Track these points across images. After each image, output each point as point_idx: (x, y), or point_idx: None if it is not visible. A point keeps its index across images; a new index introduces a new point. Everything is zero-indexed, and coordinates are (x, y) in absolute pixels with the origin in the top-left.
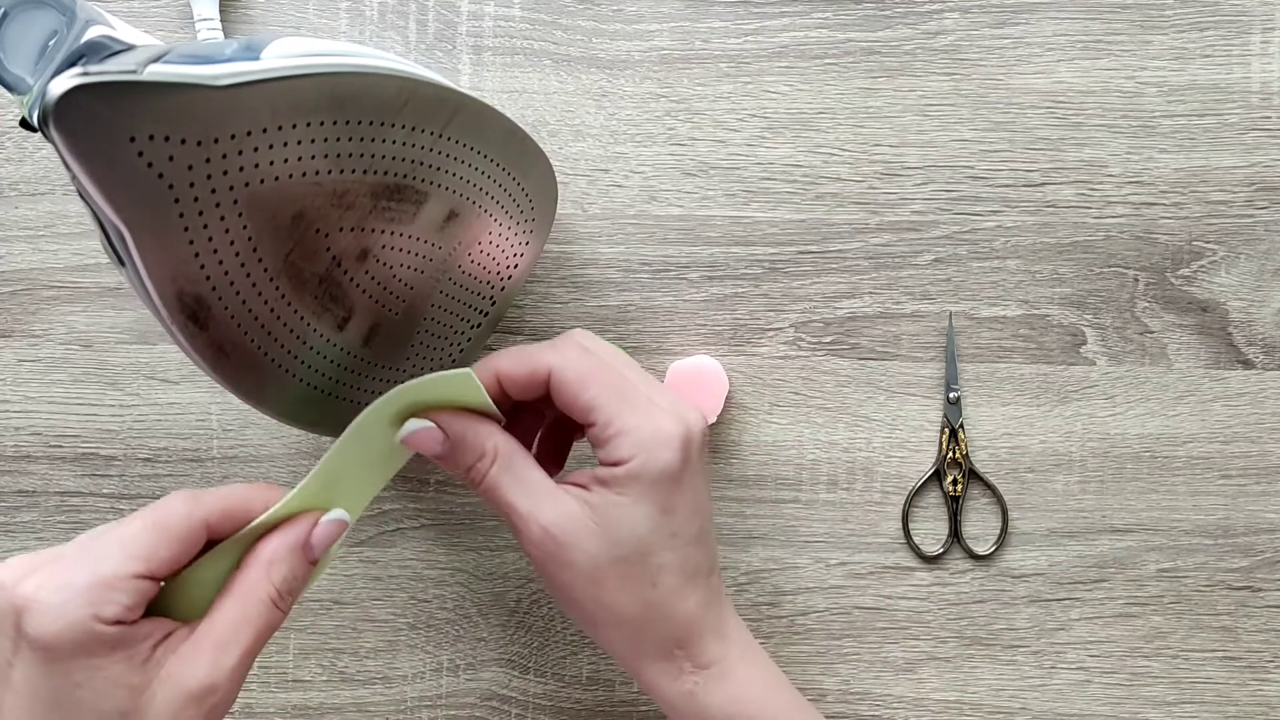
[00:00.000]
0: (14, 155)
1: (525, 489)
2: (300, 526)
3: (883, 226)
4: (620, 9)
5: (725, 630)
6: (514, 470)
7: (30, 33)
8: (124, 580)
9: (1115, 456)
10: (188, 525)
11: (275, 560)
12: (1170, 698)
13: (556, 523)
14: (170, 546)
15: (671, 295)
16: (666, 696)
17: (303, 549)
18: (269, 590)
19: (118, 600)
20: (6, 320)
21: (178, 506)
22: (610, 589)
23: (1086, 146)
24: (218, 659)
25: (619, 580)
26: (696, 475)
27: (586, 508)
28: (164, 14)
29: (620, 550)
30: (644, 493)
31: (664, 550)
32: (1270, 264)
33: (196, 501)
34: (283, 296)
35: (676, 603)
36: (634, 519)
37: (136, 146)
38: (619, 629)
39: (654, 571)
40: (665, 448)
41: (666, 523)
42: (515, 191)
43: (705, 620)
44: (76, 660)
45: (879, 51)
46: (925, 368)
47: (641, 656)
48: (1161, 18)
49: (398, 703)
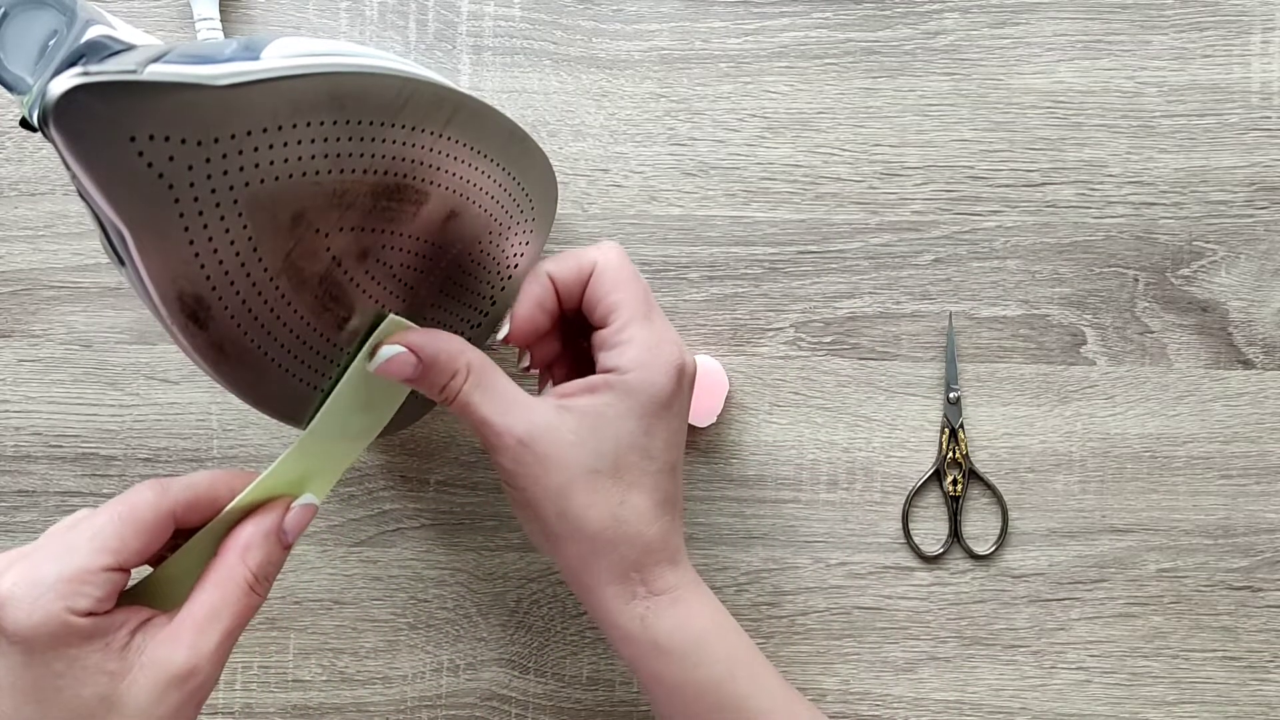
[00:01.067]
0: (14, 155)
1: (500, 401)
2: (273, 513)
3: (883, 226)
4: (620, 9)
5: (680, 561)
6: (487, 384)
7: (30, 32)
8: (94, 574)
9: (1115, 456)
10: (155, 515)
11: (251, 546)
12: (1170, 698)
13: (531, 432)
14: (139, 537)
15: (671, 295)
16: (616, 620)
17: (276, 534)
18: (245, 575)
19: (89, 593)
20: (6, 320)
21: (145, 497)
22: (579, 500)
23: (1086, 146)
24: (198, 642)
25: (589, 492)
26: (682, 409)
27: (566, 416)
28: (164, 14)
29: (597, 462)
30: (633, 408)
31: (638, 470)
32: (1270, 264)
33: (164, 492)
34: (283, 296)
35: (640, 525)
36: (617, 431)
37: (136, 146)
38: (580, 544)
39: (624, 489)
40: (665, 369)
41: (646, 444)
42: (515, 191)
43: (665, 548)
44: (54, 651)
45: (879, 51)
46: (925, 368)
47: (596, 575)
48: (1161, 18)
49: (398, 703)
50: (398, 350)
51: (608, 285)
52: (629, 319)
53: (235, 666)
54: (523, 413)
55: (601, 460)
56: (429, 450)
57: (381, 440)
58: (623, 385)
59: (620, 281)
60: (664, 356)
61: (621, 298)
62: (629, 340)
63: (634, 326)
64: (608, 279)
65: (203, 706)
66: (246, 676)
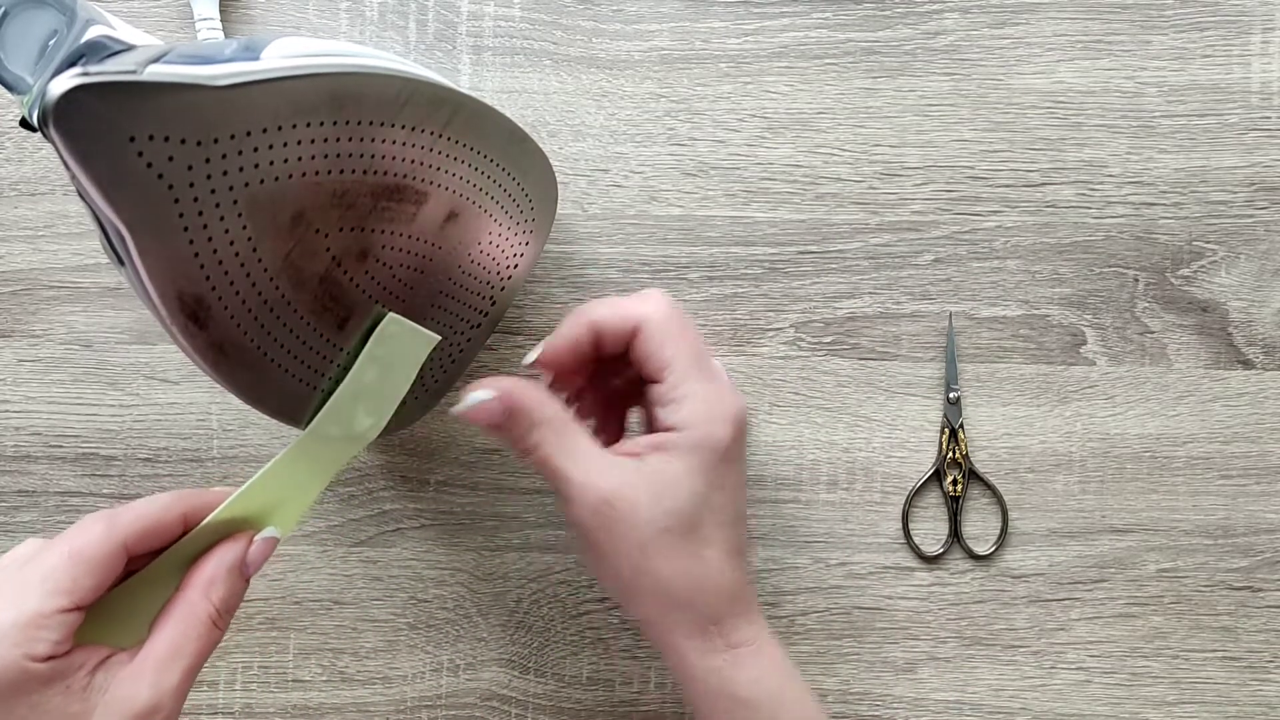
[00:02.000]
0: (14, 155)
1: (579, 457)
2: (236, 546)
3: (883, 226)
4: (620, 9)
5: (754, 613)
6: (567, 438)
7: (30, 32)
8: (49, 617)
9: (1115, 456)
10: (106, 552)
11: (215, 581)
12: (1170, 698)
13: (614, 489)
14: (91, 575)
15: (671, 295)
16: (695, 672)
17: (239, 568)
18: (209, 611)
19: (46, 638)
20: (6, 320)
21: (94, 533)
22: (657, 558)
23: (1086, 146)
24: (160, 680)
25: (667, 550)
26: (742, 457)
27: (640, 475)
28: (164, 14)
29: (671, 520)
30: (699, 464)
31: (711, 524)
32: (1270, 264)
33: (112, 527)
34: (283, 296)
35: (717, 578)
36: (688, 489)
37: (136, 146)
38: (659, 600)
39: (700, 544)
40: (725, 421)
41: (715, 497)
42: (515, 191)
43: (740, 600)
44: (17, 699)
45: (879, 51)
46: (925, 368)
47: (676, 629)
48: (1161, 18)
49: (398, 703)
50: (486, 396)
51: (658, 341)
52: (683, 374)
53: (235, 666)
54: (604, 468)
55: (676, 518)
56: (429, 450)
57: (381, 440)
58: (687, 443)
59: (670, 335)
60: (722, 409)
61: (673, 353)
62: (686, 396)
63: (690, 382)
64: (657, 335)
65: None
66: (246, 676)
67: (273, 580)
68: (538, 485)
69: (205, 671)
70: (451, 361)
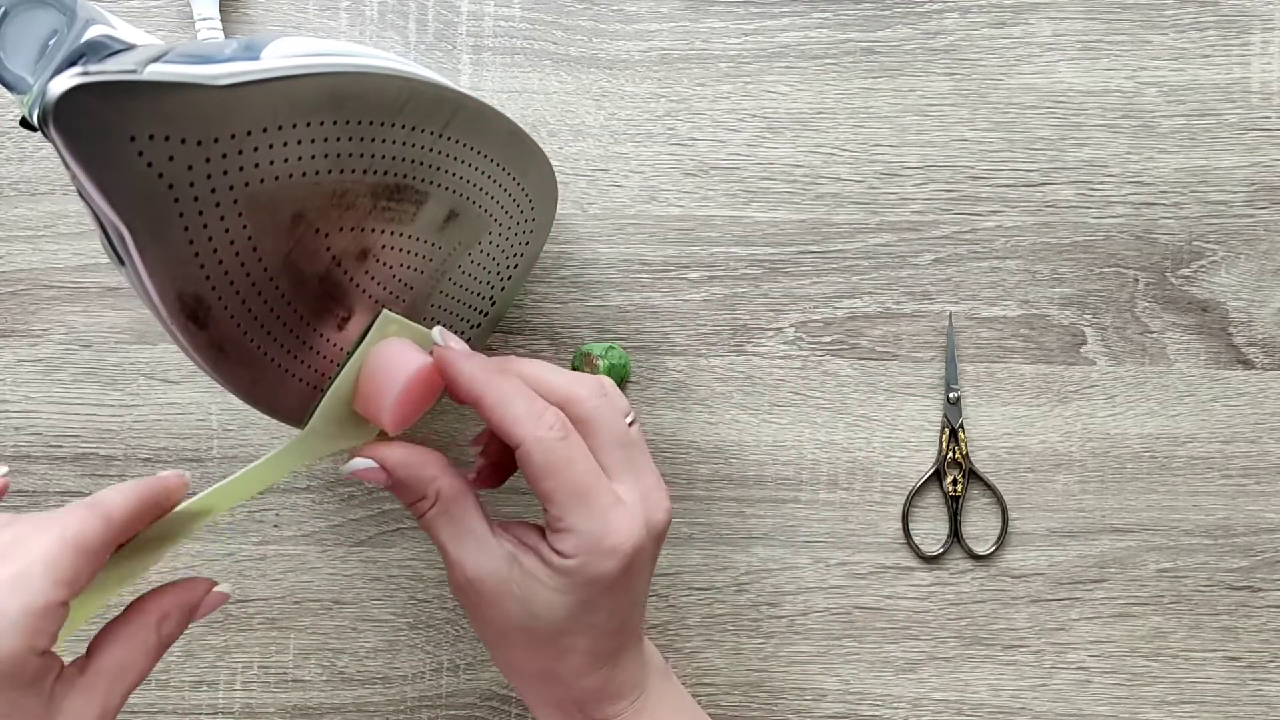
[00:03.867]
0: (14, 155)
1: (459, 535)
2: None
3: (883, 226)
4: (620, 9)
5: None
6: (453, 515)
7: (30, 32)
8: (54, 608)
9: (1115, 456)
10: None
11: (168, 617)
12: (1170, 698)
13: (479, 577)
14: (90, 569)
15: (671, 295)
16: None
17: (191, 610)
18: (155, 641)
19: (48, 630)
20: (6, 320)
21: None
22: (516, 650)
23: (1086, 146)
24: (108, 699)
25: (525, 645)
26: (637, 576)
27: (515, 569)
28: (164, 14)
29: (534, 623)
30: (573, 588)
31: (576, 635)
32: (1270, 264)
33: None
34: (283, 296)
35: (578, 679)
36: (555, 604)
37: (136, 146)
38: (520, 681)
39: (561, 650)
40: (608, 558)
41: (586, 616)
42: (515, 191)
43: (603, 691)
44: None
45: (879, 51)
46: (925, 368)
47: (540, 707)
48: (1161, 18)
49: (398, 703)
50: (368, 465)
51: (537, 474)
52: (564, 509)
53: (235, 666)
54: (477, 554)
55: (538, 623)
56: None
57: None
58: (564, 569)
59: (549, 469)
60: (606, 545)
61: (552, 487)
62: (567, 529)
63: (571, 516)
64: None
65: None
66: (246, 676)
67: (273, 580)
68: None
69: (205, 671)
70: None
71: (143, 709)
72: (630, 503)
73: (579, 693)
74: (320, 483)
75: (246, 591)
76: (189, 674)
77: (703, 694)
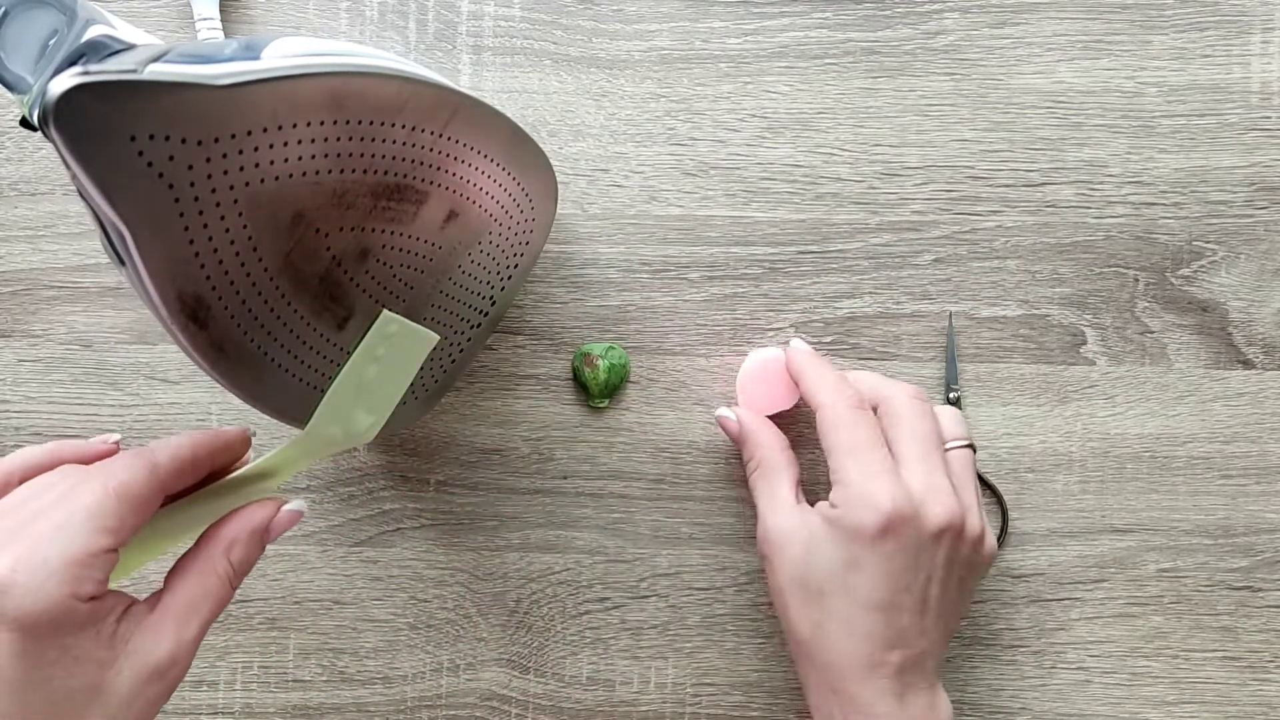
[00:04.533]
0: (14, 155)
1: (772, 496)
2: (263, 511)
3: (883, 226)
4: (620, 9)
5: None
6: (769, 479)
7: (31, 32)
8: (97, 556)
9: (1115, 456)
10: (151, 492)
11: (236, 542)
12: (1170, 698)
13: (774, 528)
14: (136, 515)
15: (671, 295)
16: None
17: (261, 534)
18: (226, 569)
19: (93, 576)
20: (6, 320)
21: (139, 475)
22: (790, 605)
23: (1086, 146)
24: (180, 633)
25: (797, 602)
26: (904, 554)
27: (800, 529)
28: (164, 14)
29: (806, 578)
30: (840, 538)
31: (838, 600)
32: (1270, 264)
33: (155, 467)
34: (283, 296)
35: (830, 649)
36: (826, 557)
37: (137, 146)
38: (791, 640)
39: (823, 613)
40: (867, 509)
41: (851, 577)
42: (515, 191)
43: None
44: (53, 639)
45: (879, 51)
46: (925, 368)
47: (805, 675)
48: (1161, 18)
49: (398, 703)
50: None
51: (823, 432)
52: (838, 464)
53: (235, 666)
54: (779, 514)
55: (810, 578)
56: (429, 450)
57: (381, 440)
58: (830, 516)
59: (832, 427)
60: (868, 498)
61: (831, 443)
62: (838, 481)
63: (843, 470)
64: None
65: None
66: (246, 676)
67: (273, 580)
68: (538, 485)
69: (205, 671)
70: (451, 361)
71: None
72: (906, 479)
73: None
74: (320, 483)
75: (246, 592)
76: (189, 674)
77: (703, 694)
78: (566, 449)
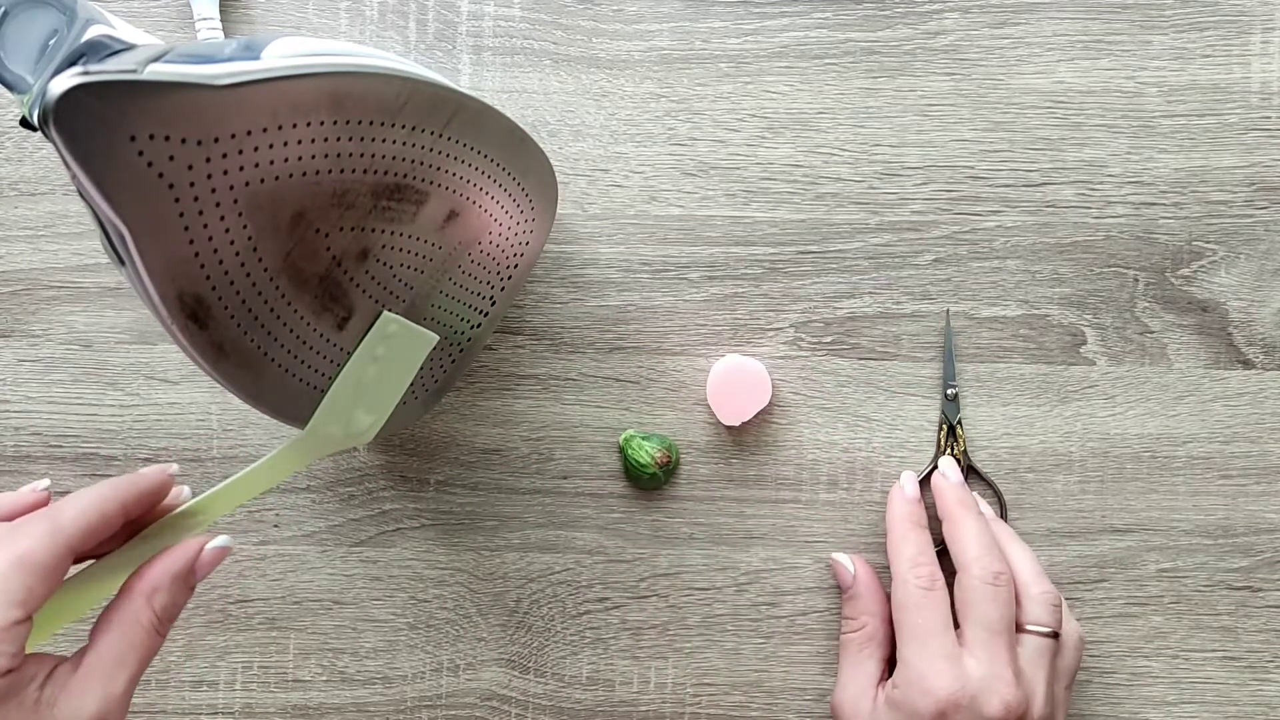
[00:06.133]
0: (14, 155)
1: (856, 667)
2: (185, 555)
3: (883, 226)
4: (620, 9)
5: None
6: (863, 650)
7: (31, 32)
8: (7, 630)
9: (1115, 456)
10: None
11: (158, 589)
12: (1170, 698)
13: (851, 702)
14: (44, 584)
15: (671, 295)
16: None
17: (185, 577)
18: (150, 618)
19: (6, 651)
20: (6, 320)
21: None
22: None
23: (1086, 146)
24: (107, 690)
25: None
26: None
27: (871, 710)
28: (164, 14)
29: None
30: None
31: None
32: (1270, 264)
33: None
34: (283, 296)
35: None
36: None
37: (137, 146)
38: None
39: None
40: (924, 695)
41: None
42: (515, 191)
43: None
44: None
45: (879, 51)
46: (925, 368)
47: None
48: (1161, 18)
49: (398, 703)
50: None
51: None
52: (901, 643)
53: (235, 666)
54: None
55: None
56: (429, 450)
57: (381, 440)
58: (894, 699)
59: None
60: (923, 684)
61: (899, 621)
62: (903, 660)
63: (905, 649)
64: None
65: None
66: (246, 676)
67: (273, 580)
68: (538, 485)
69: (205, 671)
70: (451, 361)
71: (143, 709)
72: (968, 668)
73: None
74: (320, 483)
75: (246, 591)
76: (189, 674)
77: (703, 694)
78: (566, 449)
